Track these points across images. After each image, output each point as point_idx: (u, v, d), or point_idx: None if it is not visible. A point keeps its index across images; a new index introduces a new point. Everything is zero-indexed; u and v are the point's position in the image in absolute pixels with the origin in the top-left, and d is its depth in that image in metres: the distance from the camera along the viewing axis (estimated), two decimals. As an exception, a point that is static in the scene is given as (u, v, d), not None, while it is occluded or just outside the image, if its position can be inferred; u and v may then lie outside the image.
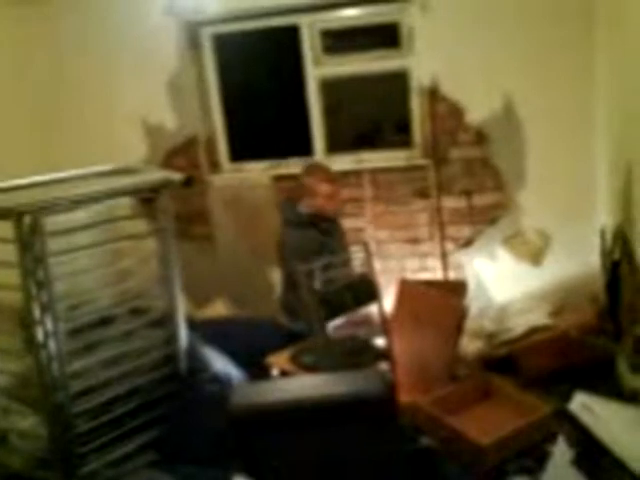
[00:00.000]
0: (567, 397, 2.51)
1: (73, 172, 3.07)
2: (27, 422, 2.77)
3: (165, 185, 3.01)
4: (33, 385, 2.68)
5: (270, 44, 4.49)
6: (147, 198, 3.07)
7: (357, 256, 3.39)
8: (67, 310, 2.77)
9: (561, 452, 2.27)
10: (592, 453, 2.15)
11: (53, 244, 2.63)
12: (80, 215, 2.83)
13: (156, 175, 3.16)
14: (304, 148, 4.22)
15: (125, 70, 4.18)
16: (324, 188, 3.54)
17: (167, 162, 4.27)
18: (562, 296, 3.74)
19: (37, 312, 2.61)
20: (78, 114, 4.26)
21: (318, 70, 4.11)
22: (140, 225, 3.21)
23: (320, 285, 2.98)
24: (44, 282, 2.60)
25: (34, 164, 3.20)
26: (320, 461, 2.37)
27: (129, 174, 3.13)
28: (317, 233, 3.55)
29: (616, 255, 2.99)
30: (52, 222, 2.65)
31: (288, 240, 3.56)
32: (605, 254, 3.12)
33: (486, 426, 2.61)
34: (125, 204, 3.52)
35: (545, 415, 2.61)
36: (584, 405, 2.29)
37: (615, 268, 2.98)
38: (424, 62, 3.87)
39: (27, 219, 2.55)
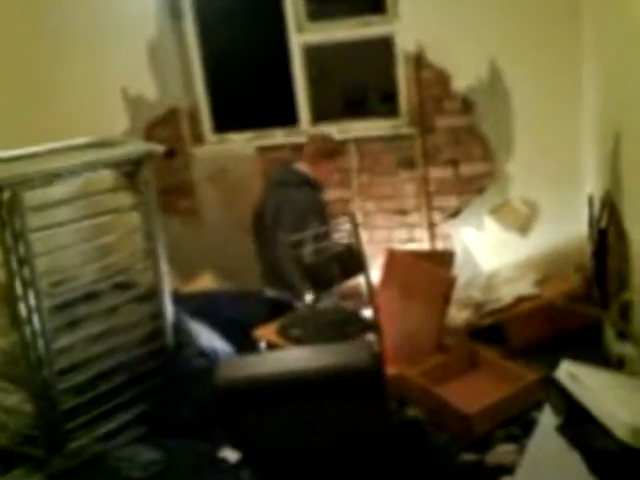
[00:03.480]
0: (553, 365, 2.52)
1: (51, 145, 3.01)
2: (13, 399, 2.76)
3: (146, 157, 2.97)
4: (18, 362, 2.66)
5: (253, 11, 4.41)
6: (129, 171, 3.02)
7: (344, 227, 3.37)
8: (50, 286, 2.75)
9: (547, 420, 2.28)
10: (578, 420, 2.15)
11: (34, 220, 2.60)
12: (60, 190, 2.79)
13: (137, 147, 3.11)
14: (289, 118, 4.16)
15: (104, 39, 4.07)
16: (310, 147, 3.57)
17: (149, 134, 4.19)
18: (549, 265, 3.75)
19: (20, 288, 2.58)
20: (55, 85, 4.14)
21: (302, 37, 4.03)
22: (122, 199, 3.16)
23: (309, 257, 2.96)
24: (25, 258, 2.57)
25: (7, 137, 3.12)
26: (308, 433, 2.37)
27: (109, 147, 3.08)
28: (316, 195, 3.53)
29: (603, 223, 2.98)
30: (32, 197, 2.60)
31: (284, 200, 3.49)
32: (592, 222, 3.11)
33: (473, 395, 2.63)
34: (106, 178, 3.47)
35: (531, 383, 2.63)
36: (570, 373, 2.28)
37: (602, 236, 2.97)
38: (409, 28, 3.80)
39: (6, 194, 2.51)
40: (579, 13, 3.53)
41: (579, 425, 2.10)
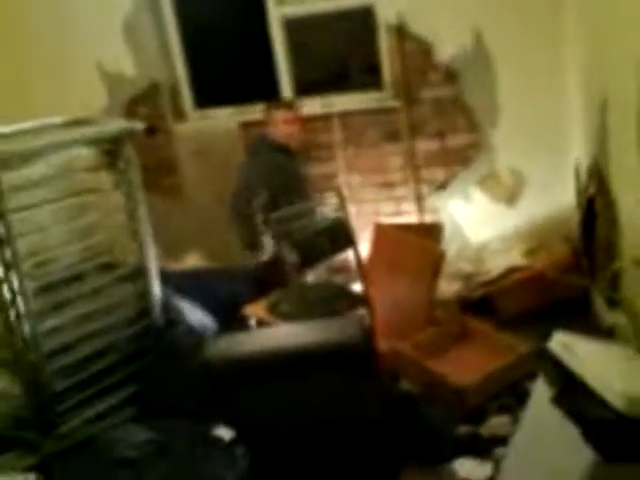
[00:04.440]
0: (544, 336, 2.53)
1: (27, 125, 2.94)
2: (1, 382, 2.72)
3: (126, 135, 2.91)
4: (5, 345, 2.62)
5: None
6: (109, 149, 2.96)
7: (330, 202, 3.35)
8: (33, 267, 2.70)
9: (541, 390, 2.29)
10: (572, 391, 2.16)
11: (13, 200, 2.54)
12: (40, 169, 2.73)
13: (116, 125, 3.05)
14: (271, 92, 4.09)
15: (78, 14, 3.96)
16: (280, 115, 3.63)
17: (129, 111, 4.11)
18: (538, 235, 3.75)
19: (1, 270, 2.53)
20: (28, 62, 4.04)
21: (281, 9, 3.96)
22: (104, 178, 3.10)
23: (297, 232, 2.94)
24: (6, 239, 2.51)
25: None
26: (300, 409, 2.37)
27: (87, 125, 3.02)
28: (287, 159, 3.59)
29: (591, 191, 2.98)
30: (11, 177, 2.54)
31: (258, 164, 3.57)
32: (580, 190, 3.11)
33: (465, 368, 2.63)
34: (87, 157, 3.40)
35: (523, 354, 2.64)
36: (563, 344, 2.29)
37: (590, 204, 2.96)
38: (389, -3, 3.74)
39: (-17, 175, 2.44)
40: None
41: (573, 395, 2.11)
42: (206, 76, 4.26)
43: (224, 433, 2.56)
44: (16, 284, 2.55)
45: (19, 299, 2.56)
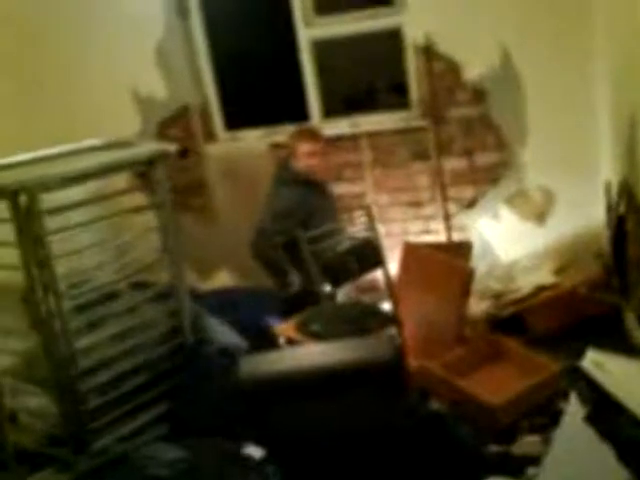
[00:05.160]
0: (576, 354, 2.51)
1: (64, 148, 3.02)
2: (36, 401, 2.77)
3: (159, 157, 2.96)
4: (41, 364, 2.67)
5: (260, 6, 4.38)
6: (142, 171, 3.02)
7: (360, 221, 3.36)
8: (70, 288, 2.75)
9: (574, 409, 2.27)
10: (605, 410, 2.14)
11: (51, 222, 2.59)
12: (76, 191, 2.79)
13: (150, 147, 3.11)
14: (300, 113, 4.15)
15: (113, 40, 4.07)
16: (304, 147, 3.56)
17: (161, 133, 4.20)
18: (567, 253, 3.71)
19: (40, 291, 2.58)
20: (66, 88, 4.15)
21: (310, 31, 4.01)
22: (137, 199, 3.16)
23: (327, 252, 2.96)
24: (44, 261, 2.56)
25: (19, 141, 3.13)
26: (331, 428, 2.37)
27: (122, 147, 3.07)
28: (310, 191, 3.52)
29: (621, 209, 2.96)
30: (48, 200, 2.60)
31: (280, 199, 3.52)
32: (610, 209, 3.09)
33: (496, 387, 2.61)
34: (121, 178, 3.48)
35: (555, 373, 2.61)
36: (596, 362, 2.28)
37: (621, 223, 2.95)
38: (417, 19, 3.77)
39: (22, 198, 2.51)
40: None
41: (607, 415, 2.10)
42: (236, 98, 4.34)
43: (255, 452, 2.57)
44: (53, 304, 2.59)
45: (56, 319, 2.60)
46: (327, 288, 3.09)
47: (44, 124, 3.98)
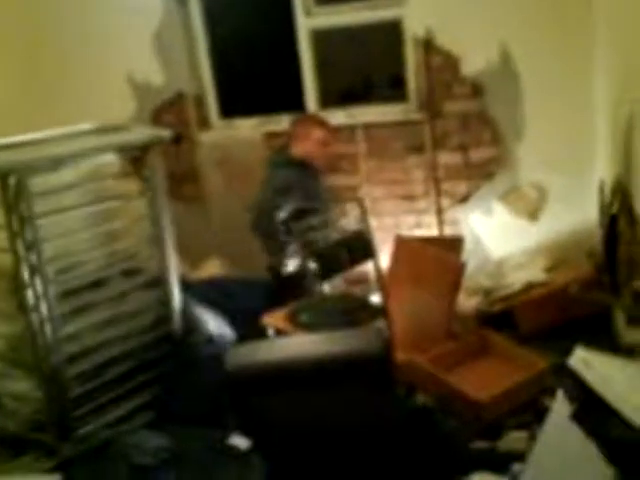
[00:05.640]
0: (564, 352, 2.50)
1: (56, 131, 2.99)
2: (21, 385, 2.76)
3: (154, 143, 2.94)
4: (26, 348, 2.66)
5: (260, -5, 4.36)
6: (136, 157, 3.00)
7: (352, 213, 3.35)
8: (58, 272, 2.74)
9: (560, 407, 2.27)
10: (592, 408, 2.14)
11: (40, 205, 2.58)
12: (67, 175, 2.78)
13: (144, 133, 3.09)
14: (296, 103, 4.12)
15: (109, 23, 4.03)
16: (317, 133, 3.58)
17: (155, 119, 4.16)
18: (559, 251, 3.72)
19: (27, 275, 2.57)
20: (59, 70, 4.12)
21: (309, 21, 3.98)
22: (129, 185, 3.14)
23: (319, 242, 2.95)
24: (32, 244, 2.56)
25: (12, 124, 3.10)
26: (317, 420, 2.37)
27: (116, 132, 3.06)
28: (305, 174, 3.54)
29: (615, 208, 2.95)
30: (38, 182, 2.59)
31: (278, 178, 3.53)
32: (603, 207, 3.09)
33: (484, 382, 2.61)
34: (113, 163, 3.45)
35: (543, 370, 2.61)
36: (584, 360, 2.27)
37: (613, 222, 2.94)
38: (418, 12, 3.75)
39: (12, 179, 2.49)
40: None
41: (594, 413, 2.09)
42: (232, 86, 4.31)
43: (240, 442, 2.58)
44: (40, 288, 2.59)
45: (42, 303, 2.60)
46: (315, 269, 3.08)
47: (39, 109, 3.94)
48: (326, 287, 3.24)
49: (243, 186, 4.08)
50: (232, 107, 4.27)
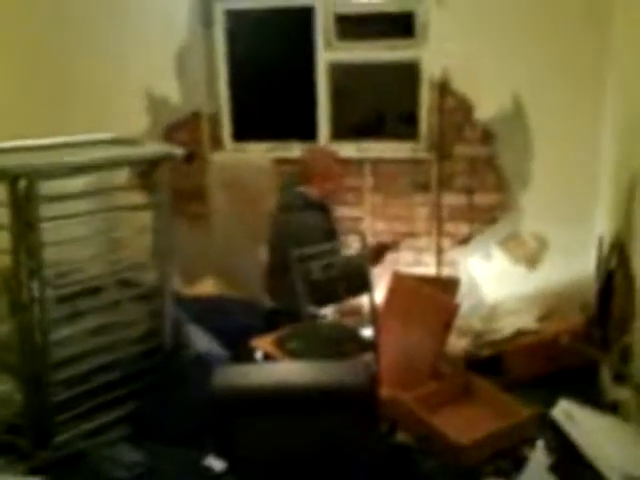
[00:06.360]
0: (548, 401, 2.50)
1: (71, 138, 3.03)
2: (2, 387, 2.73)
3: (166, 159, 2.97)
4: (13, 350, 2.64)
5: (283, 24, 4.43)
6: (144, 171, 3.04)
7: (353, 245, 3.37)
8: (55, 277, 2.74)
9: (539, 457, 2.26)
10: (570, 461, 2.13)
11: (46, 209, 2.60)
12: (76, 182, 2.81)
13: (157, 148, 3.13)
14: (308, 132, 4.18)
15: (132, 38, 4.11)
16: (337, 170, 3.49)
17: (168, 136, 4.22)
18: (553, 301, 3.73)
19: (24, 276, 2.58)
20: (78, 81, 4.18)
21: (329, 54, 4.06)
22: (135, 197, 3.18)
23: (319, 271, 2.94)
24: (34, 247, 2.57)
25: (29, 127, 3.14)
26: (297, 447, 2.36)
27: (130, 145, 3.09)
28: (324, 217, 3.47)
29: (612, 264, 2.97)
30: (47, 187, 2.62)
31: (290, 225, 3.40)
32: (601, 262, 3.10)
33: (465, 426, 2.59)
34: (122, 175, 3.50)
35: (524, 419, 2.60)
36: (566, 412, 2.27)
37: (609, 277, 2.95)
38: (436, 55, 3.83)
39: (22, 182, 2.52)
40: (605, 57, 3.54)
41: (572, 466, 2.09)
42: (247, 110, 4.37)
43: (216, 464, 2.56)
44: (36, 291, 2.59)
45: (36, 306, 2.59)
46: (311, 308, 3.08)
47: (56, 116, 3.99)
48: (319, 315, 3.25)
49: (248, 210, 4.12)
50: (245, 130, 4.33)
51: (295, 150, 4.06)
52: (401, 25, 4.00)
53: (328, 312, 3.39)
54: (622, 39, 3.31)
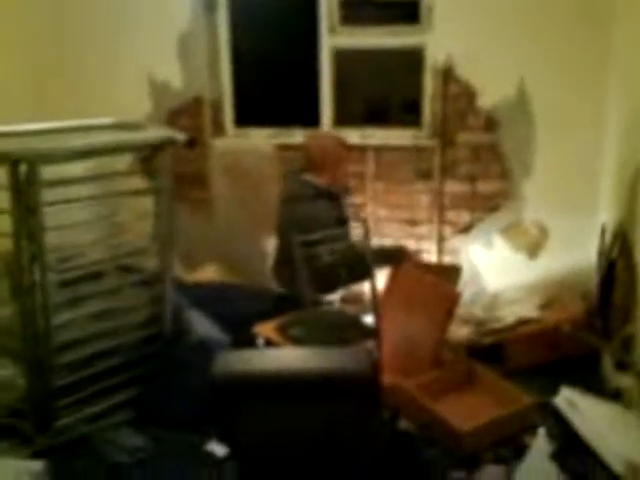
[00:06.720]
0: (549, 390, 2.51)
1: (73, 122, 3.02)
2: (3, 372, 2.74)
3: (168, 144, 2.96)
4: (15, 334, 2.65)
5: (287, 9, 4.40)
6: (147, 156, 3.03)
7: (355, 232, 3.36)
8: (57, 262, 2.75)
9: (540, 445, 2.27)
10: (573, 449, 2.14)
11: (48, 194, 2.60)
12: (77, 167, 2.80)
13: (159, 133, 3.12)
14: (311, 118, 4.16)
15: (135, 23, 4.09)
16: (345, 155, 3.45)
17: (170, 121, 4.20)
18: (554, 290, 3.73)
19: (26, 261, 2.58)
20: (80, 62, 4.16)
21: (332, 39, 4.03)
22: (137, 182, 3.17)
23: (324, 257, 2.93)
24: (35, 232, 2.57)
25: (31, 111, 3.13)
26: (298, 434, 2.36)
27: (131, 129, 3.08)
28: (334, 205, 3.43)
29: (614, 254, 2.96)
30: (48, 172, 2.61)
31: (300, 215, 3.32)
32: (603, 251, 3.10)
33: (467, 413, 2.60)
34: (124, 159, 3.49)
35: (526, 406, 2.61)
36: (569, 400, 2.27)
37: (611, 266, 2.95)
38: (441, 41, 3.79)
39: (23, 167, 2.51)
40: (609, 44, 3.52)
41: (574, 454, 2.09)
42: (249, 95, 4.35)
43: (217, 449, 2.56)
44: (37, 276, 2.59)
45: (38, 291, 2.60)
46: (316, 294, 3.08)
47: (57, 100, 3.98)
48: (325, 302, 3.25)
49: (250, 195, 4.11)
50: (247, 116, 4.31)
51: (297, 136, 4.04)
52: (405, 11, 3.97)
53: (334, 299, 3.39)
54: (626, 26, 3.29)
